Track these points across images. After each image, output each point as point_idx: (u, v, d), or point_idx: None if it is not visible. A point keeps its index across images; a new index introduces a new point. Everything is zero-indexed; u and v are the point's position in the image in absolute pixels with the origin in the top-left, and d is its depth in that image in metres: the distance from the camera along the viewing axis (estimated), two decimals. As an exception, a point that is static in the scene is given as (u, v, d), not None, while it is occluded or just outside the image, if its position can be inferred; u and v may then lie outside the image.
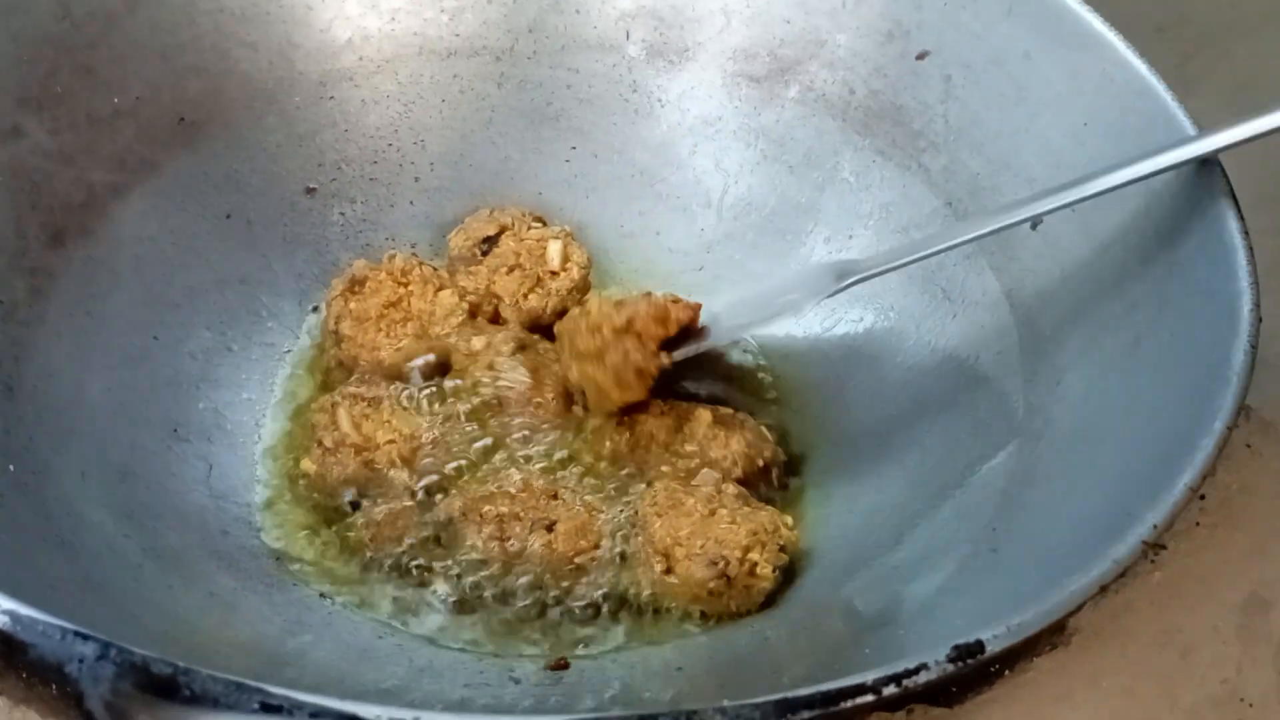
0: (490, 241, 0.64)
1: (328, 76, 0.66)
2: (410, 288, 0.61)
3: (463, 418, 0.58)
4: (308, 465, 0.57)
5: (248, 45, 0.63)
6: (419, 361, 0.60)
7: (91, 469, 0.51)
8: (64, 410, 0.51)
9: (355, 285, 0.61)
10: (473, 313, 0.62)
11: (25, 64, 0.55)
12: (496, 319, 0.63)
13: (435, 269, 0.63)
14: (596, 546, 0.53)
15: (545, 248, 0.64)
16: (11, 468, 0.47)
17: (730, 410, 0.59)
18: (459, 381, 0.59)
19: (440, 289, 0.62)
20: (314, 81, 0.65)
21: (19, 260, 0.53)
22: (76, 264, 0.55)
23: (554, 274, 0.64)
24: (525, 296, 0.63)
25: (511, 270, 0.63)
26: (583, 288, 0.65)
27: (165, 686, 0.33)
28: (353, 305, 0.61)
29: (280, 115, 0.64)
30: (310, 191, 0.65)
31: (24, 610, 0.35)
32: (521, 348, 0.60)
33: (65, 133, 0.56)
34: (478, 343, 0.60)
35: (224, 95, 0.62)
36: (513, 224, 0.65)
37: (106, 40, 0.58)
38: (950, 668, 0.37)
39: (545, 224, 0.67)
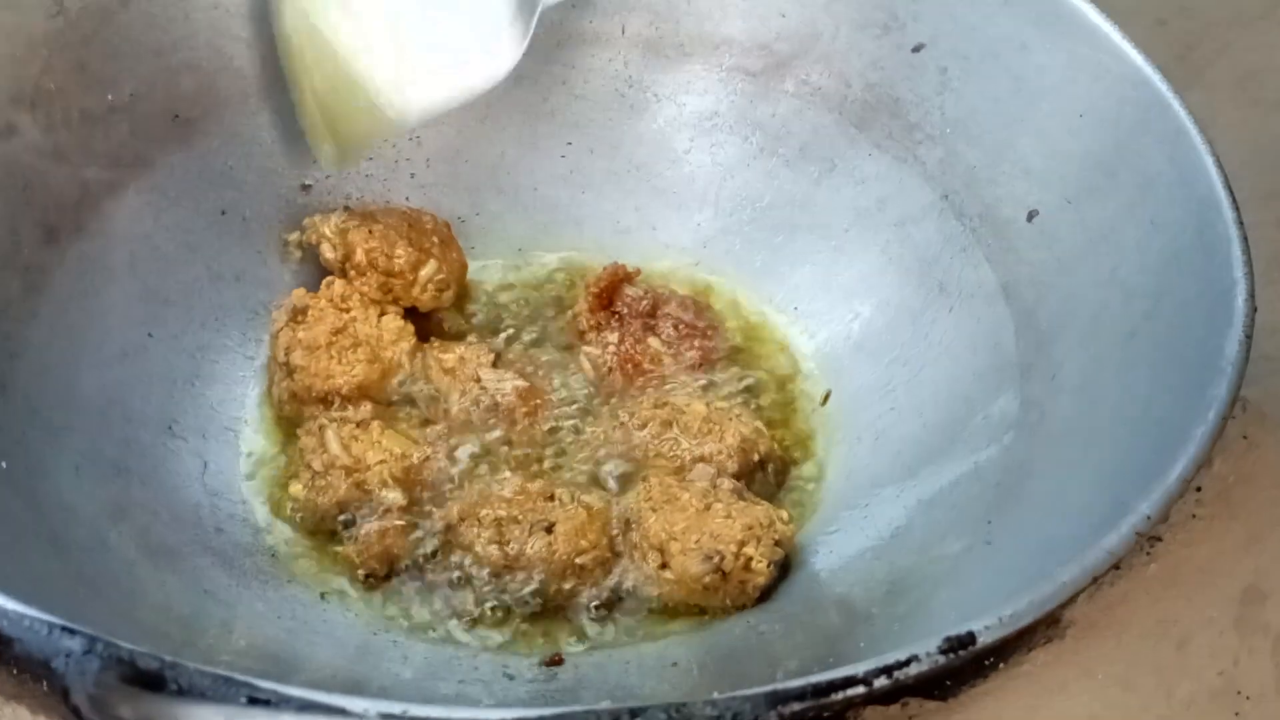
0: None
1: (323, 73, 0.65)
2: (352, 313, 0.60)
3: (455, 430, 0.58)
4: (296, 490, 0.56)
5: (242, 41, 0.62)
6: (397, 380, 0.59)
7: (85, 465, 0.51)
8: (58, 406, 0.51)
9: (298, 315, 0.60)
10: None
11: (18, 61, 0.54)
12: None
13: (374, 299, 0.62)
14: (596, 545, 0.53)
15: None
16: (4, 464, 0.47)
17: (725, 404, 0.59)
18: (453, 396, 0.59)
19: (383, 314, 0.61)
20: (309, 77, 0.65)
21: (13, 258, 0.53)
22: (71, 261, 0.55)
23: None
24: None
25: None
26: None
27: (152, 680, 0.33)
28: (301, 334, 0.59)
29: (275, 111, 0.64)
30: (306, 188, 0.65)
31: (10, 604, 0.35)
32: (497, 355, 0.61)
33: (59, 130, 0.55)
34: (449, 359, 0.60)
35: (218, 91, 0.62)
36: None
37: (100, 36, 0.57)
38: (942, 659, 0.36)
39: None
